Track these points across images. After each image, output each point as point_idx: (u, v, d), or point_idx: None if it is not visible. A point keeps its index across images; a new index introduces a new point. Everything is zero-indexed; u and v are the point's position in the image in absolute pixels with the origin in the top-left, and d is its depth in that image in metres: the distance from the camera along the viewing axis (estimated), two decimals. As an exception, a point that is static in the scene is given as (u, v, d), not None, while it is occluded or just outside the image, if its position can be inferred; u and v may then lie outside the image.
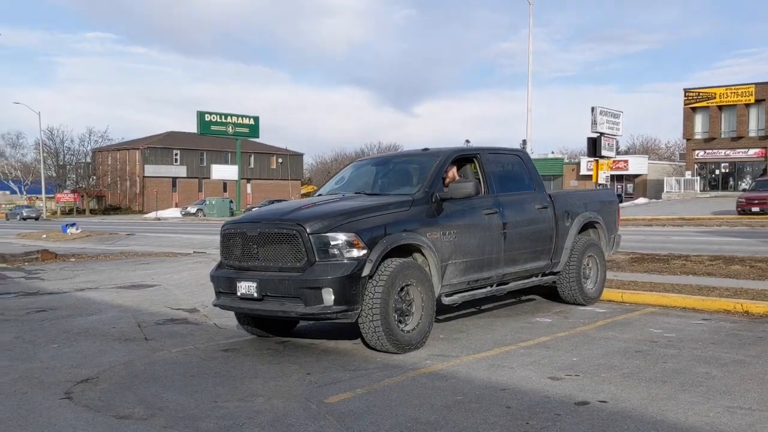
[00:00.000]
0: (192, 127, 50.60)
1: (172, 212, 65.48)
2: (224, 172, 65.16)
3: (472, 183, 7.14)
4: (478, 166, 7.87)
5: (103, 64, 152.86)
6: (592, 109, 36.48)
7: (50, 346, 7.15)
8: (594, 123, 36.45)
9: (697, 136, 55.45)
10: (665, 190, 54.32)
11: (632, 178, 63.91)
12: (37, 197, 76.02)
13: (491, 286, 7.70)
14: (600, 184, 39.06)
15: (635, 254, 14.15)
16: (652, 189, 60.15)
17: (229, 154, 79.34)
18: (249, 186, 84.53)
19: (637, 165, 63.62)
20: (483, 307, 8.77)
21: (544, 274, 8.56)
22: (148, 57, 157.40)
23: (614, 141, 38.86)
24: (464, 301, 7.57)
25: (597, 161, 37.80)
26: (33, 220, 60.86)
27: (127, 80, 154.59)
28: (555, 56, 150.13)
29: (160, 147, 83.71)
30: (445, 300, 7.13)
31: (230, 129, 50.99)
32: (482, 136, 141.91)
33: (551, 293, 9.23)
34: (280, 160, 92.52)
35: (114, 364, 6.32)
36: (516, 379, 5.50)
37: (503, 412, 4.70)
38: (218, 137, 58.41)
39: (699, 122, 55.40)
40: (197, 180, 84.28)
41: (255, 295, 6.42)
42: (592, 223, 9.16)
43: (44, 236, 29.06)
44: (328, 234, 6.16)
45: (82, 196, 79.07)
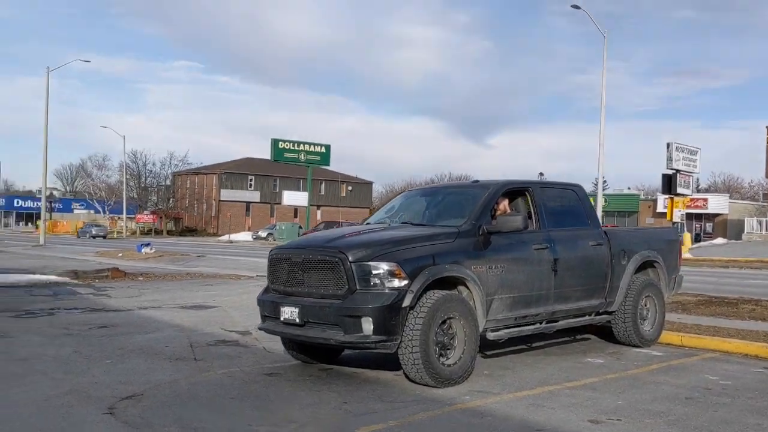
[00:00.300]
0: (267, 153, 51.84)
1: (244, 236, 67.01)
2: (295, 198, 66.34)
3: (521, 216, 7.06)
4: (530, 200, 7.78)
5: (188, 91, 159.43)
6: (668, 145, 35.54)
7: (104, 361, 7.40)
8: (669, 159, 35.46)
9: (781, 175, 53.02)
10: (746, 231, 52.01)
11: (712, 217, 61.59)
12: (119, 217, 79.22)
13: (540, 323, 7.54)
14: (674, 223, 37.85)
15: (703, 296, 13.59)
16: (732, 229, 57.72)
17: (301, 180, 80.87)
18: (319, 213, 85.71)
19: (717, 204, 61.30)
20: (534, 344, 8.58)
21: (598, 313, 8.32)
22: (230, 85, 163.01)
23: (690, 178, 37.67)
24: (512, 338, 7.44)
25: (672, 199, 36.68)
26: (101, 238, 63.98)
27: (209, 107, 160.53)
28: (635, 90, 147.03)
29: (236, 172, 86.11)
30: (491, 335, 7.02)
31: (302, 156, 51.83)
32: (558, 169, 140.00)
33: (608, 333, 8.95)
34: (350, 188, 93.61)
35: (160, 382, 6.48)
36: (554, 420, 5.35)
37: (534, 453, 4.58)
38: (290, 164, 59.65)
39: (783, 160, 52.96)
40: (269, 205, 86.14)
41: (297, 320, 6.49)
42: (651, 263, 8.87)
43: (120, 255, 30.24)
44: (370, 263, 6.19)
45: (161, 217, 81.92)
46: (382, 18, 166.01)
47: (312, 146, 57.77)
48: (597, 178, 36.46)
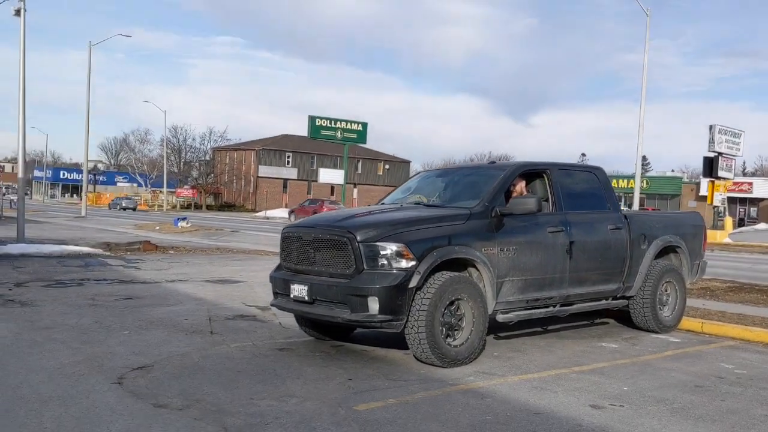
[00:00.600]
0: (305, 130, 52.03)
1: (281, 212, 67.57)
2: (331, 175, 66.54)
3: (534, 199, 6.97)
4: (547, 182, 7.68)
5: (231, 66, 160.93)
6: (710, 128, 34.70)
7: (122, 332, 7.59)
8: (711, 142, 34.66)
9: (832, 160, 51.28)
10: (792, 217, 50.60)
11: (757, 201, 60.00)
12: (160, 191, 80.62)
13: (553, 306, 7.48)
14: (715, 207, 36.99)
15: (734, 283, 13.32)
16: (777, 214, 56.20)
17: (338, 158, 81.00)
18: (355, 191, 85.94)
19: (763, 188, 59.64)
20: (549, 328, 8.52)
21: (615, 298, 8.21)
22: (271, 61, 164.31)
23: (733, 161, 36.73)
24: (527, 320, 7.40)
25: (713, 182, 35.85)
26: (131, 210, 66.10)
27: (251, 83, 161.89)
28: (683, 70, 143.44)
29: (274, 149, 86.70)
30: (500, 318, 6.99)
31: (339, 134, 52.07)
32: (601, 150, 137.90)
33: (628, 318, 8.82)
34: (387, 167, 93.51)
35: (172, 354, 6.63)
36: (555, 404, 5.32)
37: (528, 436, 4.57)
38: (328, 141, 59.74)
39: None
40: (307, 182, 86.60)
41: (306, 298, 6.56)
42: (673, 248, 8.71)
43: (157, 228, 30.79)
44: (378, 243, 6.20)
45: (200, 192, 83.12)
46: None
47: (349, 124, 57.92)
48: (645, 158, 35.74)
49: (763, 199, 59.46)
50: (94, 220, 38.02)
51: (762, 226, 49.29)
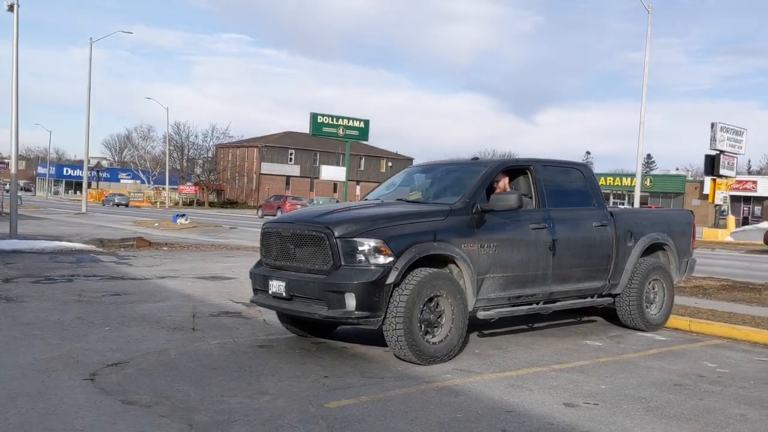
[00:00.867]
0: (308, 127, 52.11)
1: (282, 209, 67.67)
2: (333, 172, 66.65)
3: (515, 195, 6.91)
4: (530, 179, 7.61)
5: (235, 64, 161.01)
6: (712, 125, 34.55)
7: (103, 328, 7.55)
8: (713, 140, 34.50)
9: (836, 159, 50.99)
10: (795, 215, 50.35)
11: (761, 200, 59.73)
12: (162, 188, 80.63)
13: (536, 303, 7.42)
14: (716, 205, 36.84)
15: (728, 281, 13.24)
16: (781, 213, 55.93)
17: (340, 156, 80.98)
18: (358, 188, 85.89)
19: (767, 186, 59.38)
20: (535, 325, 8.46)
21: (601, 296, 8.15)
22: (277, 59, 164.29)
23: (735, 159, 36.55)
24: (512, 318, 7.33)
25: (714, 180, 35.70)
26: (124, 206, 66.46)
27: (256, 80, 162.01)
28: (689, 68, 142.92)
29: (277, 146, 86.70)
30: (481, 315, 6.94)
31: (341, 131, 51.94)
32: (606, 148, 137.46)
33: (615, 316, 8.76)
34: (390, 164, 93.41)
35: (150, 350, 6.58)
36: (528, 402, 5.27)
37: (496, 435, 4.52)
38: (330, 138, 59.82)
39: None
40: (309, 179, 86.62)
41: (284, 294, 6.52)
42: (661, 245, 8.64)
43: (156, 224, 30.79)
44: (356, 239, 6.15)
45: (203, 189, 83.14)
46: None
47: (351, 121, 57.83)
48: (649, 155, 35.59)
49: (767, 198, 59.18)
50: (94, 217, 38.04)
51: (766, 224, 49.04)
